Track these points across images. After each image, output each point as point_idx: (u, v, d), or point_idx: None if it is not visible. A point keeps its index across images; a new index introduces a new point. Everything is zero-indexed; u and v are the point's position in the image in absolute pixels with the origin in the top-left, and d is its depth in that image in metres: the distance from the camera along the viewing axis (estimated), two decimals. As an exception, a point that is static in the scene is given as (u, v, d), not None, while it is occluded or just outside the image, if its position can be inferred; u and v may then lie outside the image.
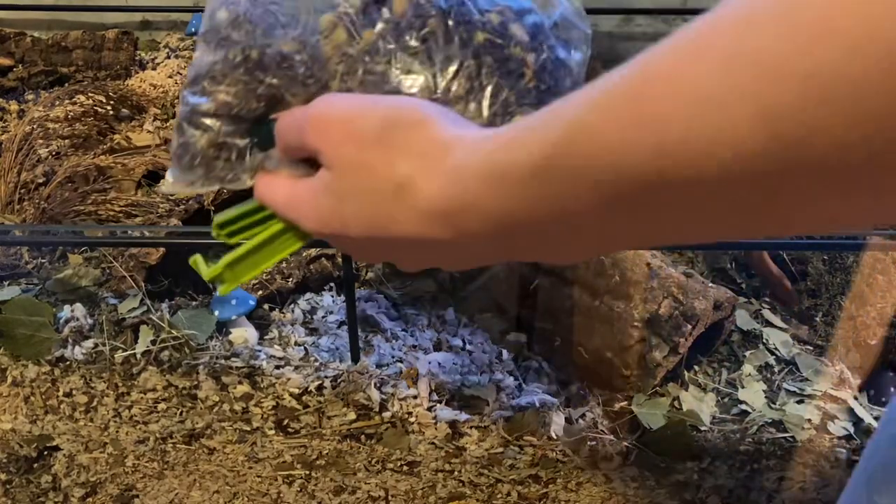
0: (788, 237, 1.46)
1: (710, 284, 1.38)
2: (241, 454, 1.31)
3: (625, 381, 1.32)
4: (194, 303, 1.36)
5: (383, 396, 1.26)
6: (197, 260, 0.57)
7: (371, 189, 0.45)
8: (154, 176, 1.66)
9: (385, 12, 0.50)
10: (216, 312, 1.30)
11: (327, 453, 1.29)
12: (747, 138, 0.29)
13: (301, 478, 1.33)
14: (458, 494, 1.32)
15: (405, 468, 1.30)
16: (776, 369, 1.38)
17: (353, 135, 0.46)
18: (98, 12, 2.14)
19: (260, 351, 1.30)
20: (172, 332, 1.27)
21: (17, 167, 1.60)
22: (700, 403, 1.30)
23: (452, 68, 0.50)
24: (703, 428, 1.26)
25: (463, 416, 1.26)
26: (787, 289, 1.54)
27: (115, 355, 1.26)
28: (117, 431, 1.30)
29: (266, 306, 1.43)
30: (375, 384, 1.27)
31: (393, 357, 1.34)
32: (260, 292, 1.42)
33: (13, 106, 1.96)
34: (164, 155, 1.63)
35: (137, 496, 1.37)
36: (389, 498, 1.34)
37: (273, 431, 1.28)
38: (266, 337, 1.36)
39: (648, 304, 1.30)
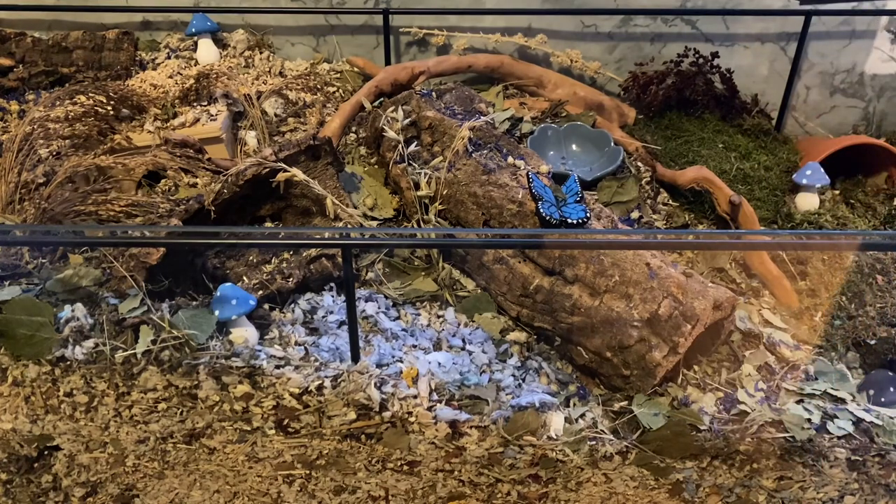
0: (789, 237, 1.46)
1: (710, 284, 1.38)
2: (241, 454, 1.31)
3: (625, 381, 1.32)
4: (194, 303, 1.37)
5: (383, 396, 1.26)
6: None
7: None
8: (154, 176, 1.67)
9: None
10: (216, 312, 1.30)
11: (327, 453, 1.30)
12: None
13: (301, 477, 1.33)
14: (458, 494, 1.32)
15: (405, 468, 1.30)
16: (776, 369, 1.38)
17: None
18: (98, 12, 2.14)
19: (260, 351, 1.30)
20: (173, 331, 1.27)
21: (17, 167, 1.60)
22: (700, 403, 1.31)
23: None
24: (702, 428, 1.26)
25: (463, 416, 1.26)
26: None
27: (116, 355, 1.26)
28: (118, 431, 1.30)
29: (266, 306, 1.43)
30: (375, 384, 1.27)
31: (393, 357, 1.34)
32: (260, 292, 1.42)
33: (14, 106, 1.96)
34: (165, 155, 1.63)
35: (138, 496, 1.38)
36: (389, 497, 1.34)
37: (273, 431, 1.28)
38: (266, 337, 1.37)
39: (648, 304, 1.30)
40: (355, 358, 1.31)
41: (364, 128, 1.86)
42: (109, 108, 1.81)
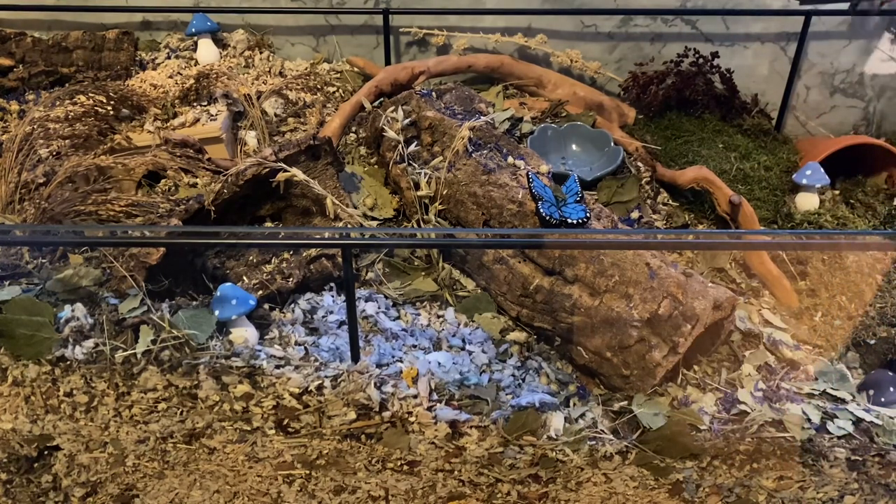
0: (789, 237, 1.46)
1: (710, 284, 1.38)
2: (241, 454, 1.31)
3: (625, 381, 1.32)
4: (194, 302, 1.37)
5: (383, 396, 1.26)
6: None
7: None
8: (154, 176, 1.67)
9: None
10: (216, 312, 1.30)
11: (327, 453, 1.30)
12: None
13: (301, 477, 1.33)
14: (458, 494, 1.32)
15: (405, 468, 1.30)
16: (776, 369, 1.38)
17: None
18: (98, 12, 2.14)
19: (260, 351, 1.30)
20: (173, 331, 1.27)
21: (17, 167, 1.60)
22: (700, 403, 1.31)
23: None
24: (702, 428, 1.26)
25: (463, 416, 1.26)
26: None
27: (116, 355, 1.26)
28: (118, 431, 1.30)
29: (266, 306, 1.43)
30: (375, 384, 1.27)
31: (393, 357, 1.34)
32: (260, 292, 1.42)
33: (14, 106, 1.96)
34: (165, 155, 1.63)
35: (138, 496, 1.38)
36: (389, 497, 1.34)
37: (273, 431, 1.28)
38: (266, 337, 1.37)
39: (648, 304, 1.30)
40: (355, 358, 1.31)
41: (364, 128, 1.86)
42: (109, 108, 1.81)
